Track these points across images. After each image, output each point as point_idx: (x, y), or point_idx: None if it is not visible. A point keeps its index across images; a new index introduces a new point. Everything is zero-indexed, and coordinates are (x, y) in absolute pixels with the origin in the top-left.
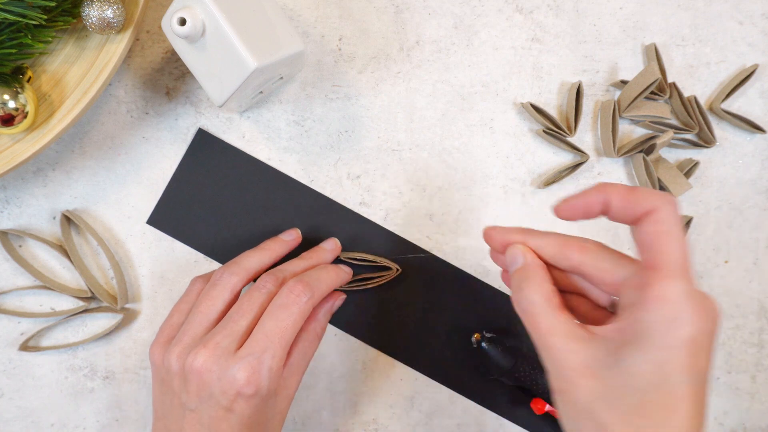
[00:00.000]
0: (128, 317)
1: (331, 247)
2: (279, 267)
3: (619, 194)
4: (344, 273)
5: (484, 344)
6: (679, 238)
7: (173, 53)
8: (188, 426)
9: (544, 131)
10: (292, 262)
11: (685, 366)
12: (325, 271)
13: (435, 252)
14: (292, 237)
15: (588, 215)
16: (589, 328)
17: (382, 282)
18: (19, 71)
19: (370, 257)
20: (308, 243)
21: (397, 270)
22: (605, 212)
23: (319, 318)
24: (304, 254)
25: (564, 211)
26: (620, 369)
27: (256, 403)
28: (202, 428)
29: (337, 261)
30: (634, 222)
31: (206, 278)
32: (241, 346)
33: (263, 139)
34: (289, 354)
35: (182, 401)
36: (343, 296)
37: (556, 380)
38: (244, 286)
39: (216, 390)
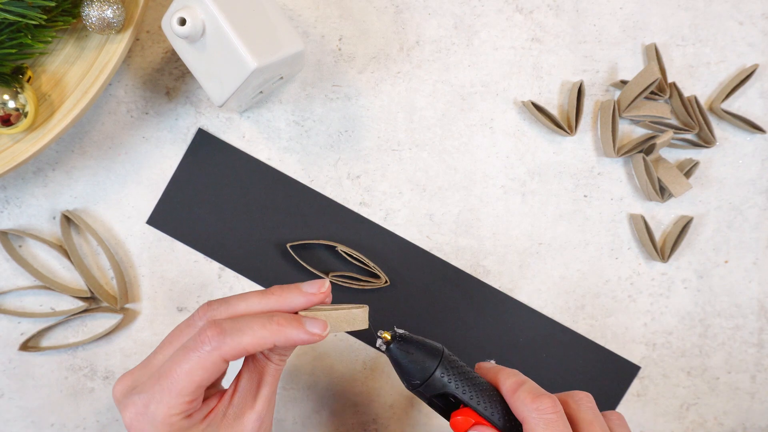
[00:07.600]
0: (128, 317)
1: (310, 290)
2: (225, 299)
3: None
4: (283, 330)
5: (393, 347)
6: None
7: (173, 53)
8: None
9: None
10: (245, 295)
11: None
12: (256, 322)
13: (435, 252)
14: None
15: None
16: None
17: (367, 288)
18: (19, 71)
19: (365, 260)
20: (307, 244)
21: (386, 282)
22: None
23: (270, 356)
24: (273, 288)
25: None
26: None
27: None
28: None
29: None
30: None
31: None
32: None
33: (263, 139)
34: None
35: None
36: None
37: None
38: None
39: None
